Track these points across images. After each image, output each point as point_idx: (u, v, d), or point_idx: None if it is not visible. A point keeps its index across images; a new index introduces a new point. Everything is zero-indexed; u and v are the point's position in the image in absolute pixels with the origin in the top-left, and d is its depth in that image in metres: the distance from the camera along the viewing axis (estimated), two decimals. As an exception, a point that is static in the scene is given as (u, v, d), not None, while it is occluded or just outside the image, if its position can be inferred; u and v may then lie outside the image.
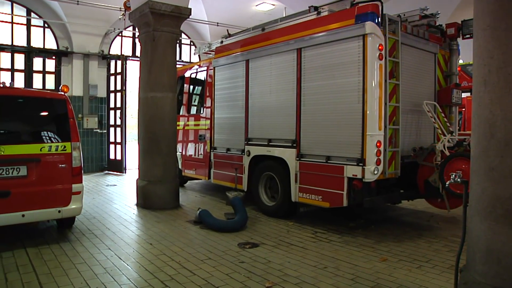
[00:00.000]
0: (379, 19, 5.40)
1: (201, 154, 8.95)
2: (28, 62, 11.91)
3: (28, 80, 11.90)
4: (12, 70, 11.77)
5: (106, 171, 12.95)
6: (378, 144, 5.34)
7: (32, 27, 12.18)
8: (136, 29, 9.34)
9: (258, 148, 7.14)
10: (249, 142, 7.36)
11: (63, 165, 5.24)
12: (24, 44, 11.97)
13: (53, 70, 12.41)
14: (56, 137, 5.27)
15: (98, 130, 12.91)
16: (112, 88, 12.90)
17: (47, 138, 5.23)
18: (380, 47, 5.33)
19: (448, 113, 6.76)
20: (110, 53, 13.16)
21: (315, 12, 6.27)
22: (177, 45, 14.60)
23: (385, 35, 5.43)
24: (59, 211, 5.18)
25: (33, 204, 5.00)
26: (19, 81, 11.83)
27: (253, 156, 7.24)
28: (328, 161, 5.82)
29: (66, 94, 5.53)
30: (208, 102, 8.76)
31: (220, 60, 8.16)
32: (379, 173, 5.39)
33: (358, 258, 4.85)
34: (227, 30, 8.94)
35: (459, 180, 3.22)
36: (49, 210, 5.12)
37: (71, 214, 5.39)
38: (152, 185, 7.52)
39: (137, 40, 10.89)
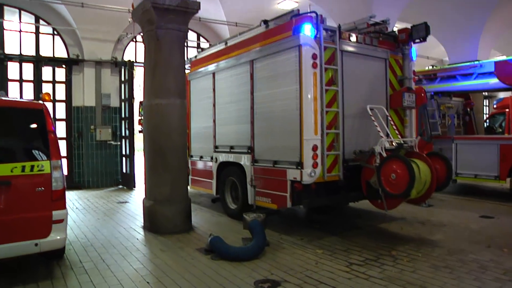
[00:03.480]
0: (314, 30, 5.71)
1: None
2: (37, 72, 11.24)
3: (37, 91, 11.18)
4: (21, 80, 11.12)
5: (121, 186, 12.14)
6: (314, 148, 5.66)
7: (41, 35, 11.54)
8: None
9: (223, 155, 7.65)
10: (217, 150, 7.89)
11: (41, 189, 4.31)
12: (33, 53, 11.33)
13: (64, 79, 11.73)
14: (31, 154, 4.36)
15: (112, 142, 12.09)
16: (124, 97, 12.09)
17: (20, 156, 4.32)
18: (314, 56, 5.63)
19: (403, 116, 6.92)
20: (124, 60, 12.36)
21: (265, 26, 6.58)
22: (194, 47, 13.87)
23: (320, 45, 5.72)
24: (36, 244, 4.24)
25: (3, 237, 4.08)
26: (28, 92, 11.19)
27: (220, 162, 7.72)
28: (275, 165, 6.23)
29: (45, 103, 4.61)
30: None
31: (194, 73, 8.75)
32: (316, 175, 5.70)
33: (410, 307, 3.69)
34: (199, 44, 9.19)
35: None
36: (23, 243, 4.18)
37: (52, 247, 4.41)
38: (159, 205, 6.52)
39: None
